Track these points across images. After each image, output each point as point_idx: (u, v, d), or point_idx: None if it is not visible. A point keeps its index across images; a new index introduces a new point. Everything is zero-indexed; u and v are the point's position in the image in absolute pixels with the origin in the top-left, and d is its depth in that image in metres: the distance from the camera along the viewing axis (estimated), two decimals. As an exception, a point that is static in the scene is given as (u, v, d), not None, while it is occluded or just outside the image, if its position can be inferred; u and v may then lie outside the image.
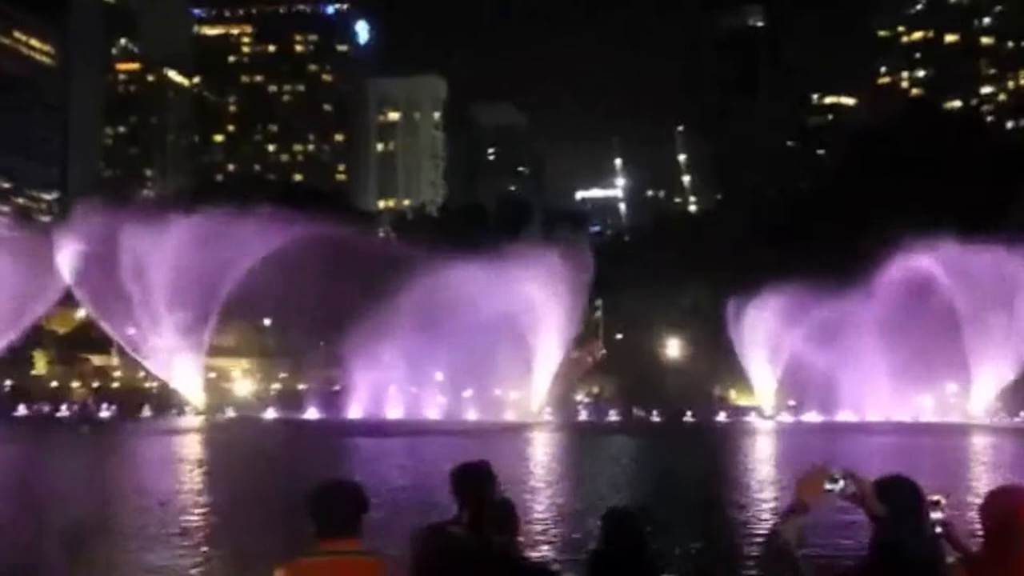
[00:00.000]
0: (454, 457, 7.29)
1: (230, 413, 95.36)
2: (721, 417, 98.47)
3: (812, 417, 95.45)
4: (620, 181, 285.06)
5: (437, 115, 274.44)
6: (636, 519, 6.81)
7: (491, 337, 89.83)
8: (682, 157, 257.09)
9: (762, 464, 46.34)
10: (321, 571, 5.43)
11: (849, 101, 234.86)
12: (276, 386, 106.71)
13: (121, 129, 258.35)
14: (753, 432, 76.39)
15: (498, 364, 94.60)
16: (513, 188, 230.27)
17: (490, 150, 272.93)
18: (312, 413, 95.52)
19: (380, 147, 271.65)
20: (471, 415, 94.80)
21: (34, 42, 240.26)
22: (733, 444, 59.12)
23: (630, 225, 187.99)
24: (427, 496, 21.82)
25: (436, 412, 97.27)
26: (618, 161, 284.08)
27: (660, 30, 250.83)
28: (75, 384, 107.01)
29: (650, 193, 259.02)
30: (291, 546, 5.74)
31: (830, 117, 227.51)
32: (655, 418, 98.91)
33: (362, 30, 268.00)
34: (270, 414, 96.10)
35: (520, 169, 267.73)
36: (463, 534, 6.19)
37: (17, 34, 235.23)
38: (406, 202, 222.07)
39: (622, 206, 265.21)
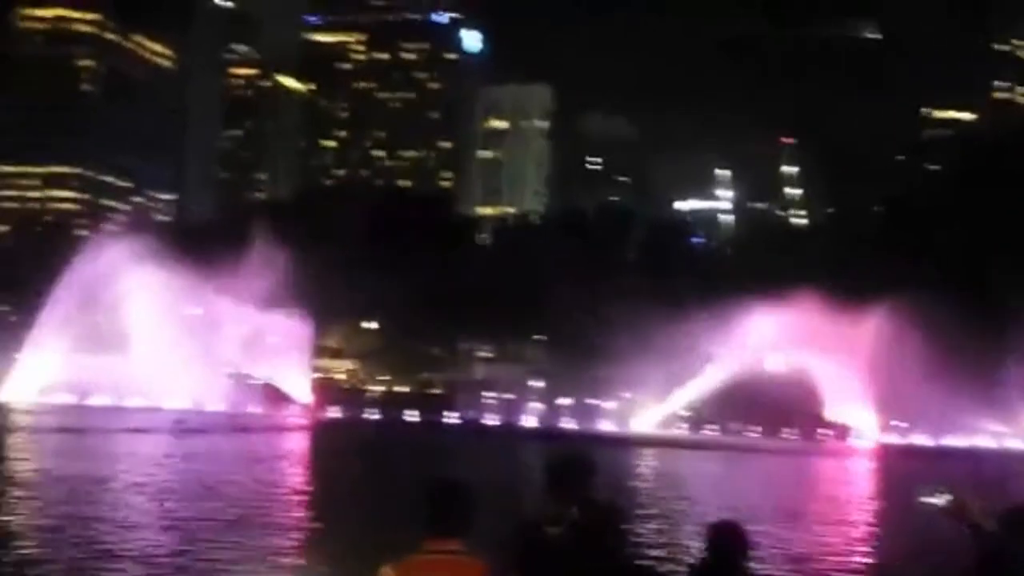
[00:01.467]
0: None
1: (334, 413, 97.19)
2: (822, 435, 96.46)
3: (919, 440, 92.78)
4: (723, 192, 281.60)
5: (544, 124, 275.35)
6: (737, 533, 6.70)
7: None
8: (788, 169, 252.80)
9: (860, 486, 45.37)
10: (427, 570, 5.53)
11: (964, 115, 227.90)
12: (378, 388, 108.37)
13: (236, 132, 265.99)
14: (854, 453, 74.74)
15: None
16: (615, 198, 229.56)
17: (594, 159, 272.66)
18: (413, 415, 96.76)
19: (485, 154, 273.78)
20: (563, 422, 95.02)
21: (155, 47, 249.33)
22: (835, 464, 57.97)
23: (733, 237, 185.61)
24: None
25: (532, 420, 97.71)
26: (721, 172, 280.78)
27: (768, 41, 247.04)
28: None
29: (754, 205, 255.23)
30: (397, 544, 5.87)
31: (943, 131, 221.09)
32: (753, 434, 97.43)
33: (471, 39, 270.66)
34: (372, 415, 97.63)
35: (622, 179, 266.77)
36: (562, 535, 5.92)
37: (139, 39, 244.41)
38: (509, 209, 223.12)
39: (724, 218, 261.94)
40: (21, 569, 16.32)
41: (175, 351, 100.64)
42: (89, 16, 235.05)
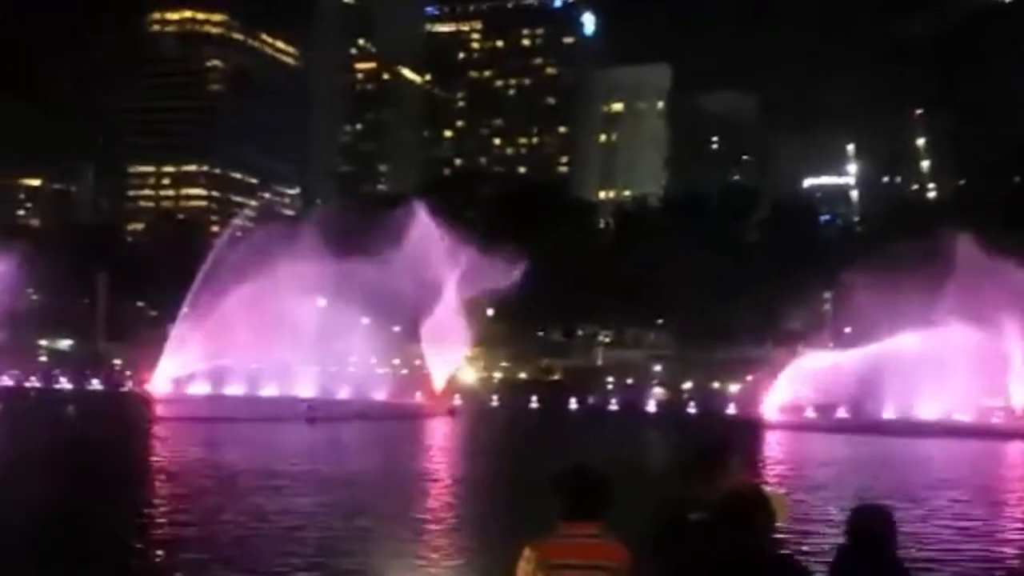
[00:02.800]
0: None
1: (457, 401, 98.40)
2: (962, 417, 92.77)
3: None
4: (852, 167, 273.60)
5: (661, 104, 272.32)
6: (881, 517, 6.31)
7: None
8: (920, 141, 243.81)
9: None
10: (568, 552, 5.62)
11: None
12: (497, 375, 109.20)
13: (357, 126, 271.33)
14: (999, 434, 71.68)
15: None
16: (737, 177, 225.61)
17: (714, 138, 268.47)
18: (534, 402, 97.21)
19: (603, 138, 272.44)
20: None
21: (279, 44, 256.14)
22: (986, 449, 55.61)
23: (863, 214, 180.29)
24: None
25: (655, 405, 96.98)
26: (850, 147, 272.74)
27: (899, 9, 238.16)
28: (314, 368, 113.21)
29: (886, 179, 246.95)
30: (538, 528, 5.90)
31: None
32: (886, 416, 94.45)
33: (588, 21, 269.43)
34: (494, 402, 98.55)
35: (745, 157, 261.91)
36: (705, 520, 5.69)
37: (264, 37, 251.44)
38: (626, 192, 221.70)
39: (854, 194, 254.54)
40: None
41: (306, 341, 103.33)
42: (216, 17, 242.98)
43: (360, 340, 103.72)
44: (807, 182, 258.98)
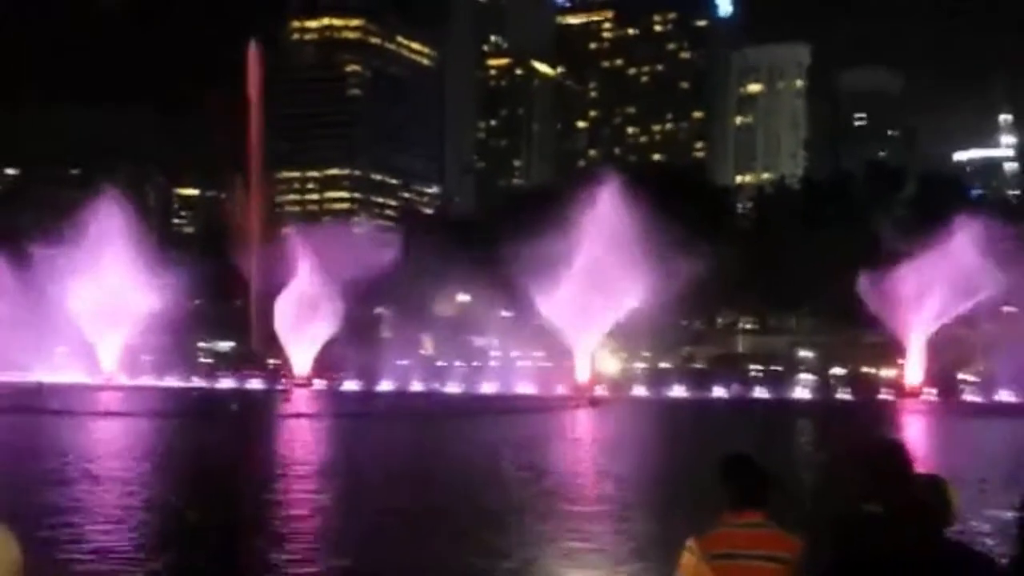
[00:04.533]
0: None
1: (600, 391, 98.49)
2: None
3: None
4: (1006, 139, 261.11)
5: (800, 83, 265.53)
6: None
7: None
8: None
9: None
10: (734, 541, 5.56)
11: None
12: (639, 364, 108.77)
13: (492, 123, 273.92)
14: None
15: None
16: (882, 154, 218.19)
17: (856, 116, 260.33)
18: (677, 391, 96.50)
19: (739, 120, 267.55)
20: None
21: (415, 45, 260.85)
22: None
23: (1019, 186, 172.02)
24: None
25: (804, 392, 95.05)
26: (1004, 117, 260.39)
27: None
28: (457, 363, 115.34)
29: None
30: (702, 517, 5.87)
31: None
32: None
33: (722, 2, 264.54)
34: (638, 392, 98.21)
35: (890, 133, 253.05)
36: (883, 512, 5.40)
37: (400, 39, 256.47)
38: (765, 175, 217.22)
39: (1008, 166, 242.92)
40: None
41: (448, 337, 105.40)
42: (354, 23, 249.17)
43: (501, 333, 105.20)
44: (957, 156, 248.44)
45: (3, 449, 36.22)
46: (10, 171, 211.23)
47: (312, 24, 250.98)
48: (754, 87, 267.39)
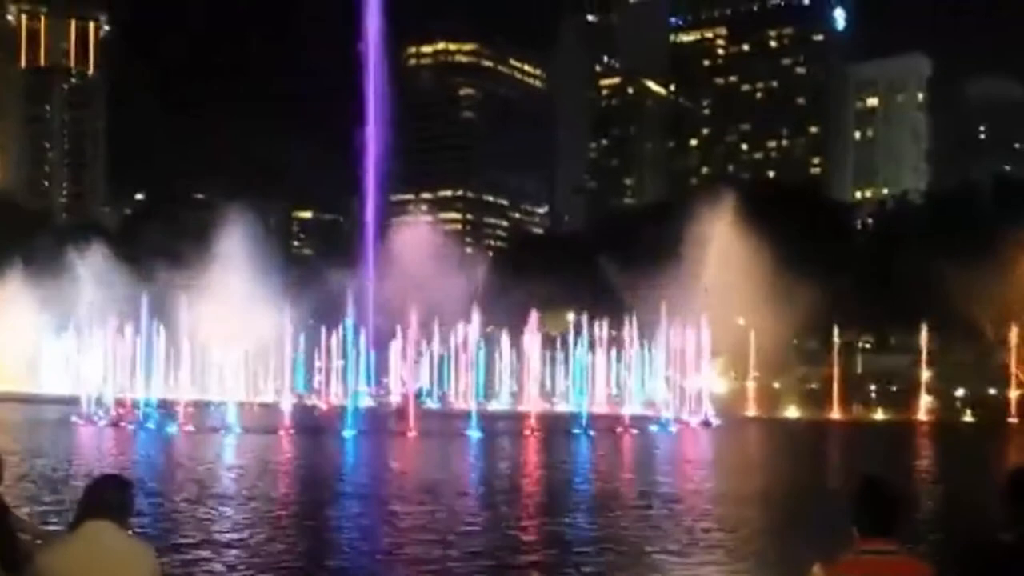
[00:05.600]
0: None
1: (710, 413, 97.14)
2: None
3: None
4: None
5: (921, 95, 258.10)
6: None
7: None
8: None
9: None
10: (862, 569, 5.36)
11: None
12: (750, 384, 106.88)
13: (603, 142, 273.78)
14: None
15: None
16: (1008, 167, 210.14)
17: (981, 128, 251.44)
18: (792, 412, 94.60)
19: (857, 135, 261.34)
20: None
21: (526, 67, 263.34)
22: None
23: None
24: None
25: (925, 413, 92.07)
26: None
27: None
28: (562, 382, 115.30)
29: None
30: (831, 543, 5.72)
31: None
32: None
33: (839, 16, 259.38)
34: (750, 413, 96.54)
35: (1016, 146, 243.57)
36: (1018, 542, 5.37)
37: (512, 62, 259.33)
38: (885, 190, 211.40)
39: None
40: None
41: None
42: (468, 47, 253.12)
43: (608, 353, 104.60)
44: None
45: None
46: (138, 196, 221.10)
47: (427, 48, 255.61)
48: (872, 101, 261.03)
